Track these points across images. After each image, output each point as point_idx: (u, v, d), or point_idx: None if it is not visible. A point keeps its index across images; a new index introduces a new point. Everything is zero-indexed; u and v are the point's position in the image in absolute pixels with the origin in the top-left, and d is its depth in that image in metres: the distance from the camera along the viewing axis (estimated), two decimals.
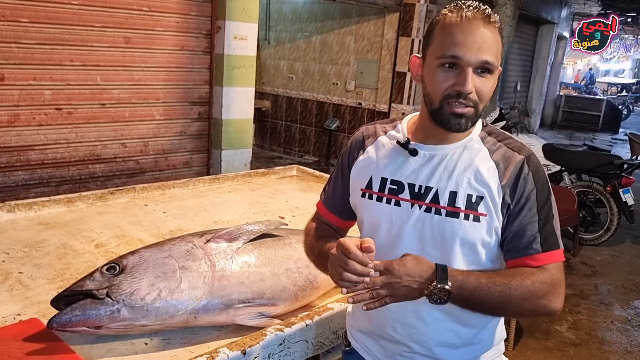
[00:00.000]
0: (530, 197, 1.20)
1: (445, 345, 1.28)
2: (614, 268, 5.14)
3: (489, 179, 1.21)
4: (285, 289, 1.75)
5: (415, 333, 1.28)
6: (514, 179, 1.20)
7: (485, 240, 1.21)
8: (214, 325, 1.66)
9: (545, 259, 1.19)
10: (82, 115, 3.98)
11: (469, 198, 1.20)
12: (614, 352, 3.62)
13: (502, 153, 1.24)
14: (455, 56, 1.15)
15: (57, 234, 2.35)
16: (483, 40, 1.15)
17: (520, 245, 1.20)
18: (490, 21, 1.17)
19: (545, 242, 1.19)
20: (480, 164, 1.22)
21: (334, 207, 1.48)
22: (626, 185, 5.45)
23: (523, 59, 11.90)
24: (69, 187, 3.94)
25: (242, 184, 3.40)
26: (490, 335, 1.33)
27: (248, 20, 4.58)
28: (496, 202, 1.20)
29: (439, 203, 1.22)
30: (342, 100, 7.94)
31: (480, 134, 1.28)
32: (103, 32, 3.94)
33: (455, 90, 1.16)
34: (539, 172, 1.22)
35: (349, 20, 7.72)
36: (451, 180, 1.22)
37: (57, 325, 1.47)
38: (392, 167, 1.30)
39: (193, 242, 1.72)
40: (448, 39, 1.16)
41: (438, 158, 1.25)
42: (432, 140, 1.27)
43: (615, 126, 15.25)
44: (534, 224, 1.19)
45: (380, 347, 1.37)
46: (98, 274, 1.58)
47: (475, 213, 1.20)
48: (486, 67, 1.16)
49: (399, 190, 1.27)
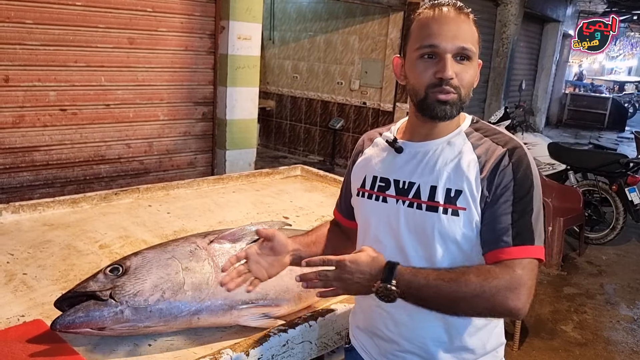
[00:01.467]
0: (507, 188, 1.18)
1: (435, 344, 1.27)
2: (619, 267, 5.12)
3: (469, 172, 1.20)
4: (288, 290, 1.74)
5: (406, 330, 1.29)
6: (492, 171, 1.19)
7: (465, 233, 1.20)
8: (217, 326, 1.66)
9: (516, 253, 1.15)
10: (86, 116, 3.99)
11: (447, 192, 1.21)
12: (620, 352, 3.60)
13: (485, 147, 1.23)
14: (432, 45, 1.19)
15: (61, 234, 2.36)
16: (458, 28, 1.19)
17: (492, 236, 1.18)
18: (464, 12, 1.22)
19: (518, 236, 1.16)
20: (461, 159, 1.23)
21: (342, 209, 1.56)
22: (632, 184, 5.42)
23: (528, 57, 11.87)
24: (73, 187, 3.96)
25: (246, 184, 3.40)
26: (484, 339, 1.30)
27: (252, 20, 4.59)
28: (475, 196, 1.19)
29: (420, 198, 1.24)
30: (347, 99, 7.94)
31: (466, 130, 1.29)
32: (107, 33, 3.95)
33: (437, 78, 1.19)
34: (521, 164, 1.19)
35: (353, 19, 7.71)
36: (432, 175, 1.24)
37: (61, 326, 1.47)
38: (381, 166, 1.35)
39: (196, 243, 1.71)
40: (424, 31, 1.20)
41: (421, 154, 1.28)
42: (418, 137, 1.30)
43: (621, 124, 15.20)
44: (507, 216, 1.17)
45: (375, 345, 1.38)
46: (101, 275, 1.58)
47: (453, 207, 1.20)
48: (464, 53, 1.19)
49: (386, 187, 1.31)
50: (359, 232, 1.40)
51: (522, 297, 1.12)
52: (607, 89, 21.48)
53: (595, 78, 24.25)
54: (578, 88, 19.71)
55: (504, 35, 9.37)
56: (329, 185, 3.45)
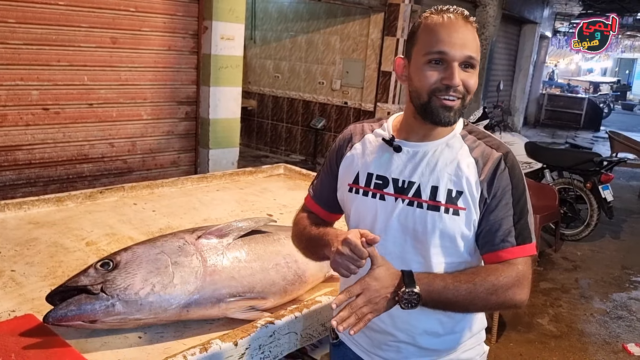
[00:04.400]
0: (506, 192, 1.26)
1: (429, 334, 1.34)
2: (593, 262, 5.27)
3: (469, 174, 1.27)
4: (274, 283, 1.80)
5: (400, 322, 1.34)
6: (491, 175, 1.26)
7: (464, 233, 1.27)
8: (205, 318, 1.71)
9: (518, 252, 1.25)
10: (69, 115, 3.99)
11: (449, 193, 1.27)
12: (593, 344, 3.73)
13: (481, 150, 1.30)
14: (441, 52, 1.22)
15: (47, 232, 2.38)
16: (465, 37, 1.23)
17: (496, 238, 1.26)
18: (470, 21, 1.26)
19: (520, 236, 1.26)
20: (461, 161, 1.29)
21: (321, 200, 1.54)
22: (605, 182, 5.58)
23: (507, 58, 12.05)
24: (56, 186, 3.95)
25: (230, 182, 3.44)
26: (471, 323, 1.39)
27: (235, 20, 4.62)
28: (475, 197, 1.26)
29: (421, 197, 1.28)
30: (328, 99, 8.00)
31: (461, 132, 1.34)
32: (90, 32, 3.95)
33: (443, 84, 1.23)
34: (515, 169, 1.29)
35: (335, 20, 7.78)
36: (433, 176, 1.29)
37: (53, 319, 1.51)
38: (377, 163, 1.36)
39: (185, 239, 1.76)
40: (433, 37, 1.23)
41: (421, 154, 1.32)
42: (416, 137, 1.34)
43: (596, 124, 15.51)
44: (509, 218, 1.26)
45: (367, 338, 1.42)
46: (92, 269, 1.62)
47: (455, 207, 1.26)
48: (470, 62, 1.24)
49: (384, 185, 1.33)
50: (351, 227, 1.40)
51: (526, 290, 1.25)
52: (583, 90, 21.88)
53: (572, 79, 24.67)
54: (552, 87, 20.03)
55: (482, 37, 9.51)
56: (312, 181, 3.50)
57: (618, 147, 8.31)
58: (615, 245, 5.84)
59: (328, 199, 1.51)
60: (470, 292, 1.19)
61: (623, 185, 8.46)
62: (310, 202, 1.58)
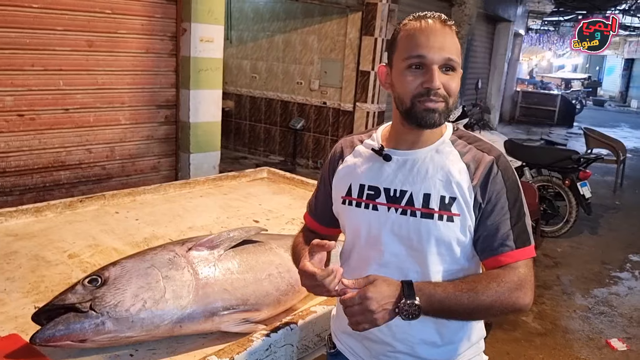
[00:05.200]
0: (500, 196, 1.25)
1: (427, 344, 1.32)
2: (574, 259, 5.34)
3: (461, 180, 1.25)
4: (268, 294, 1.77)
5: (399, 332, 1.31)
6: (484, 179, 1.25)
7: (459, 239, 1.25)
8: (199, 333, 1.66)
9: (518, 255, 1.23)
10: (45, 121, 3.89)
11: (442, 199, 1.25)
12: (577, 340, 3.77)
13: (472, 155, 1.29)
14: (420, 55, 1.22)
15: (27, 245, 2.30)
16: (444, 40, 1.23)
17: (495, 243, 1.24)
18: (448, 25, 1.26)
19: (518, 239, 1.24)
20: (452, 166, 1.27)
21: (318, 216, 1.54)
22: (583, 178, 5.67)
23: (482, 56, 12.19)
24: (33, 195, 3.85)
25: (213, 187, 3.39)
26: (469, 333, 1.37)
27: (214, 22, 4.56)
28: (468, 202, 1.24)
29: (414, 205, 1.27)
30: (307, 99, 7.97)
31: (450, 138, 1.33)
32: (65, 35, 3.85)
33: (424, 88, 1.22)
34: (508, 171, 1.27)
35: (312, 19, 7.75)
36: (424, 183, 1.27)
37: (41, 340, 1.45)
38: (369, 174, 1.35)
39: (175, 251, 1.71)
40: (413, 42, 1.24)
41: (411, 162, 1.30)
42: (405, 145, 1.32)
43: (569, 120, 15.81)
44: (506, 221, 1.24)
45: (365, 348, 1.40)
46: (80, 286, 1.56)
47: (448, 213, 1.24)
48: (450, 64, 1.23)
49: (376, 195, 1.32)
50: (348, 240, 1.41)
51: (529, 294, 1.22)
52: (556, 86, 22.27)
53: (545, 75, 25.11)
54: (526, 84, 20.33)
55: (458, 36, 9.56)
56: (296, 187, 3.48)
57: (593, 144, 8.45)
58: (594, 240, 5.94)
59: (324, 215, 1.50)
60: (472, 300, 1.18)
61: (598, 180, 8.61)
62: (308, 219, 1.58)
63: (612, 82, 28.68)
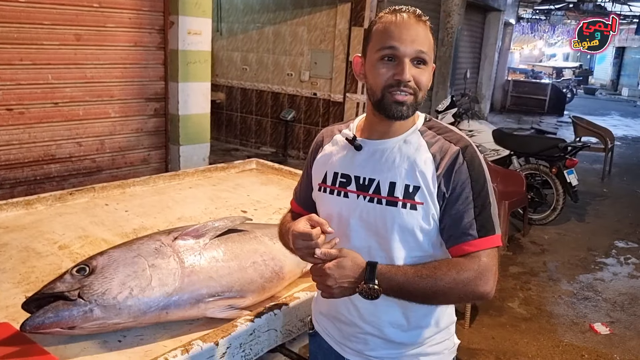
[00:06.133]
0: (465, 186, 1.28)
1: (394, 327, 1.37)
2: (560, 245, 5.43)
3: (425, 170, 1.30)
4: (252, 281, 1.82)
5: (366, 314, 1.37)
6: (448, 169, 1.29)
7: (422, 226, 1.30)
8: (185, 319, 1.71)
9: (481, 244, 1.27)
10: (34, 115, 3.91)
11: (406, 188, 1.30)
12: (561, 324, 3.86)
13: (439, 145, 1.33)
14: (392, 46, 1.27)
15: (17, 237, 2.34)
16: (417, 33, 1.28)
17: (458, 232, 1.28)
18: (422, 20, 1.30)
19: (482, 228, 1.28)
20: (418, 156, 1.32)
21: (301, 202, 1.59)
22: (570, 166, 5.74)
23: (472, 46, 12.21)
24: (23, 188, 3.88)
25: (202, 179, 3.43)
26: (437, 319, 1.41)
27: (202, 15, 4.58)
28: (432, 192, 1.29)
29: (380, 193, 1.32)
30: (297, 90, 7.99)
31: (420, 128, 1.38)
32: (53, 29, 3.87)
33: (395, 79, 1.26)
34: (474, 162, 1.31)
35: (301, 10, 7.76)
36: (390, 172, 1.32)
37: (31, 327, 1.49)
38: (342, 162, 1.41)
39: (161, 241, 1.76)
40: (386, 34, 1.28)
41: (380, 152, 1.35)
42: (376, 135, 1.38)
43: (560, 109, 15.88)
44: (469, 211, 1.28)
45: (337, 330, 1.45)
46: (68, 275, 1.61)
47: (412, 202, 1.29)
48: (421, 57, 1.28)
49: (347, 183, 1.37)
50: None
51: (490, 282, 1.25)
52: (547, 75, 22.33)
53: (536, 64, 25.16)
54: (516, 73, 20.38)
55: (448, 25, 9.62)
56: (284, 177, 3.52)
57: (581, 132, 8.54)
58: (581, 228, 6.02)
59: (307, 201, 1.55)
60: (430, 286, 1.23)
61: (587, 168, 8.70)
62: (293, 204, 1.64)
63: (604, 71, 28.81)
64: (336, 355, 1.47)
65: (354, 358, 1.43)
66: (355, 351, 1.43)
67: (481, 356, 3.40)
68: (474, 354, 3.39)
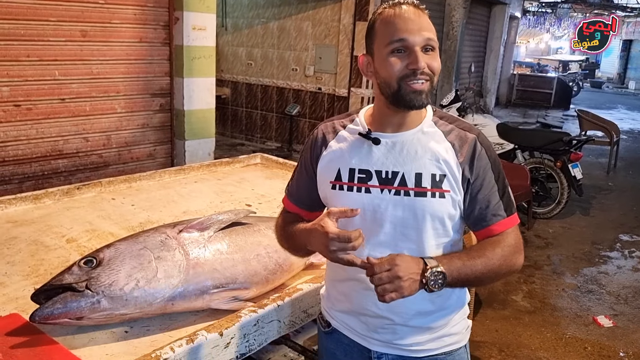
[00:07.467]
0: (487, 171, 1.35)
1: (421, 314, 1.40)
2: (565, 239, 5.44)
3: (448, 158, 1.34)
4: (256, 273, 1.85)
5: (396, 306, 1.35)
6: (470, 156, 1.34)
7: (451, 213, 1.35)
8: (190, 310, 1.75)
9: (509, 222, 1.36)
10: (41, 111, 3.95)
11: (433, 177, 1.33)
12: (565, 317, 3.88)
13: (455, 134, 1.37)
14: (402, 39, 1.29)
15: (26, 231, 2.38)
16: (421, 22, 1.31)
17: (488, 214, 1.35)
18: (421, 9, 1.34)
19: (508, 208, 1.37)
20: (438, 146, 1.35)
21: (299, 201, 1.56)
22: (575, 160, 5.73)
23: (477, 39, 12.18)
24: (32, 183, 3.92)
25: (208, 173, 3.46)
26: (457, 298, 1.46)
27: (206, 10, 4.60)
28: (457, 178, 1.33)
29: (407, 185, 1.34)
30: (302, 85, 8.01)
31: (432, 119, 1.40)
32: (59, 26, 3.90)
33: (410, 69, 1.28)
34: (490, 147, 1.39)
35: (306, 5, 7.77)
36: (415, 163, 1.34)
37: (40, 318, 1.53)
38: (358, 158, 1.39)
39: (166, 233, 1.80)
40: (392, 28, 1.30)
41: (400, 144, 1.37)
42: (391, 128, 1.38)
43: (566, 103, 15.80)
44: (495, 194, 1.36)
45: (362, 324, 1.45)
46: (76, 267, 1.65)
47: (440, 190, 1.33)
48: (430, 44, 1.31)
49: (368, 178, 1.37)
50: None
51: (522, 255, 1.38)
52: (553, 68, 22.21)
53: (542, 58, 25.02)
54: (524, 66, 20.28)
55: (453, 19, 9.60)
56: (288, 172, 3.54)
57: (587, 126, 8.51)
58: (585, 221, 6.02)
59: (306, 199, 1.54)
60: (484, 265, 1.29)
61: (592, 162, 8.68)
62: (288, 204, 1.60)
63: (610, 64, 28.60)
64: (359, 349, 1.47)
65: (381, 349, 1.44)
66: (383, 342, 1.43)
67: (484, 349, 3.43)
68: (478, 346, 3.42)
